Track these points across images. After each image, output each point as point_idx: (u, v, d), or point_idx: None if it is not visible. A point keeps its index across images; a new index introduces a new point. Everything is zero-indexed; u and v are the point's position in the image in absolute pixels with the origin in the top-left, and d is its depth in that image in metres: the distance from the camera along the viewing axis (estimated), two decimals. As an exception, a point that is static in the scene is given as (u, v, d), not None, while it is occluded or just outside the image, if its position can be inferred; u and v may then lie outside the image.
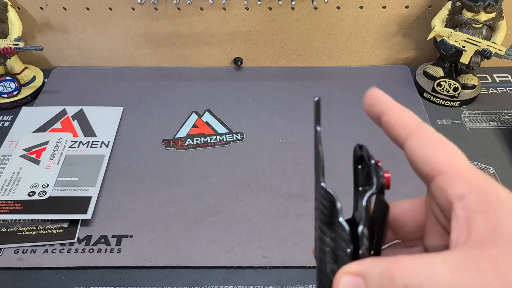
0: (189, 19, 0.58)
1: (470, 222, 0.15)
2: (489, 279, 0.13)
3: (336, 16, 0.57)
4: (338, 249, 0.17)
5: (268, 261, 0.40)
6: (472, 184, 0.15)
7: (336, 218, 0.17)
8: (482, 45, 0.51)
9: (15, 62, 0.57)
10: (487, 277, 0.13)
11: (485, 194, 0.15)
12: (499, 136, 0.52)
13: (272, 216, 0.43)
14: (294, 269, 0.39)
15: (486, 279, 0.13)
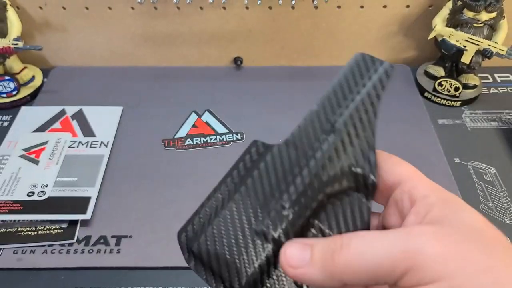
0: (189, 19, 0.57)
1: (428, 211, 0.16)
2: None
3: (337, 15, 0.57)
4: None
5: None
6: (433, 187, 0.17)
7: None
8: (483, 45, 0.51)
9: (14, 61, 0.56)
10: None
11: (444, 194, 0.17)
12: (500, 136, 0.51)
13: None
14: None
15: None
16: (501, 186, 0.46)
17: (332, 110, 0.20)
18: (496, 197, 0.45)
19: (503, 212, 0.44)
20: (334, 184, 0.18)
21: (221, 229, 0.18)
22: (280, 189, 0.18)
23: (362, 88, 0.20)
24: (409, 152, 0.48)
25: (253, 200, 0.19)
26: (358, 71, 0.20)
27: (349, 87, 0.20)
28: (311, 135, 0.19)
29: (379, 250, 0.15)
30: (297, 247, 0.17)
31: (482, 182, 0.46)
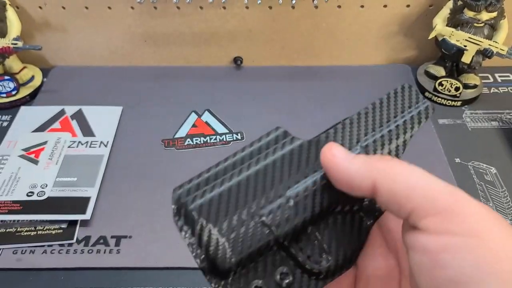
0: (188, 18, 0.57)
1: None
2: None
3: (337, 15, 0.57)
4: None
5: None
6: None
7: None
8: (484, 45, 0.51)
9: (14, 61, 0.56)
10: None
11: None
12: (501, 136, 0.51)
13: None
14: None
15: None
16: (501, 186, 0.46)
17: (366, 127, 0.20)
18: (496, 197, 0.45)
19: (503, 212, 0.43)
20: (344, 197, 0.18)
21: (222, 199, 0.18)
22: (292, 183, 0.19)
23: (400, 119, 0.20)
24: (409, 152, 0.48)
25: (263, 183, 0.19)
26: (401, 101, 0.21)
27: (388, 113, 0.21)
28: (340, 142, 0.20)
29: (431, 179, 0.15)
30: (342, 148, 0.18)
31: (483, 182, 0.46)
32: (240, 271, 0.18)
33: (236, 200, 0.18)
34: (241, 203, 0.18)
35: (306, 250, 0.18)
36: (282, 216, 0.18)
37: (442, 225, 0.14)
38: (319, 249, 0.18)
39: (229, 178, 0.19)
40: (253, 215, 0.18)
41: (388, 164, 0.16)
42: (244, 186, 0.19)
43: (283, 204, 0.18)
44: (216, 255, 0.17)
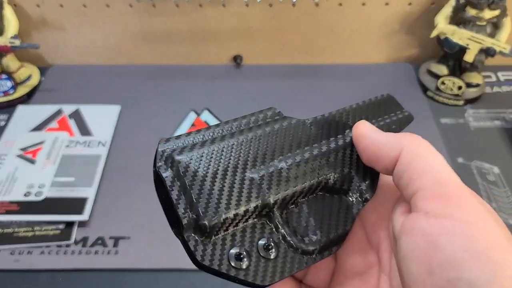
0: (187, 16, 0.57)
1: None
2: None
3: (338, 13, 0.56)
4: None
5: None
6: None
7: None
8: (486, 43, 0.50)
9: (11, 60, 0.56)
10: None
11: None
12: (503, 135, 0.51)
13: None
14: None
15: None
16: (504, 186, 0.45)
17: (344, 125, 0.21)
18: (499, 197, 0.44)
19: (506, 212, 0.43)
20: (334, 174, 0.19)
21: (213, 156, 0.18)
22: (286, 153, 0.19)
23: (382, 121, 0.22)
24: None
25: (256, 148, 0.19)
26: (384, 108, 0.22)
27: (373, 114, 0.22)
28: (333, 127, 0.21)
29: (447, 166, 0.16)
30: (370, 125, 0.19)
31: (485, 182, 0.46)
32: (223, 234, 0.17)
33: (228, 159, 0.18)
34: (232, 163, 0.18)
35: (293, 223, 0.18)
36: (274, 181, 0.18)
37: (444, 209, 0.15)
38: (306, 224, 0.18)
39: (220, 138, 0.19)
40: (244, 176, 0.18)
41: (416, 139, 0.17)
42: (237, 148, 0.18)
43: (276, 170, 0.18)
44: (204, 210, 0.16)
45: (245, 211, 0.17)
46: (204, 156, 0.18)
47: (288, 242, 0.17)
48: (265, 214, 0.18)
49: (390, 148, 0.17)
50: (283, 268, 0.17)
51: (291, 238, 0.17)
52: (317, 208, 0.18)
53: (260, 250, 0.17)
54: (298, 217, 0.18)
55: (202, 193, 0.17)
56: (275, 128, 0.20)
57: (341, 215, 0.19)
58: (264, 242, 0.17)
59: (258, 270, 0.17)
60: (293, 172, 0.18)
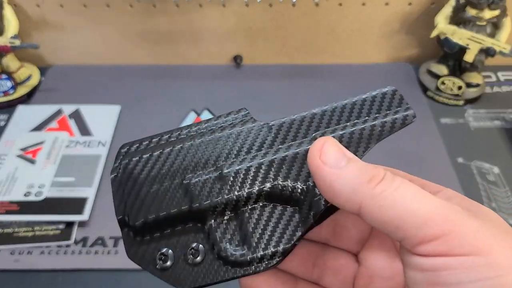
0: (187, 16, 0.57)
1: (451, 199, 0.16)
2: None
3: (338, 13, 0.56)
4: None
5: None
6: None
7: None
8: (486, 43, 0.50)
9: (11, 60, 0.56)
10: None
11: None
12: (503, 135, 0.51)
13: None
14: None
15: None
16: (504, 186, 0.45)
17: (329, 121, 0.19)
18: (499, 197, 0.44)
19: (506, 212, 0.43)
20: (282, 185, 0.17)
21: (158, 160, 0.18)
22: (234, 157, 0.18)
23: (371, 120, 0.18)
24: (411, 152, 0.48)
25: (204, 153, 0.18)
26: (379, 102, 0.19)
27: (359, 112, 0.19)
28: (300, 130, 0.19)
29: (421, 202, 0.14)
30: (335, 148, 0.16)
31: (485, 182, 0.46)
32: (158, 234, 0.17)
33: (171, 163, 0.18)
34: (175, 167, 0.18)
35: (228, 231, 0.17)
36: (208, 186, 0.17)
37: (439, 248, 0.14)
38: (241, 234, 0.17)
39: (174, 142, 0.19)
40: (182, 180, 0.18)
41: (376, 189, 0.15)
42: (185, 151, 0.18)
43: (214, 176, 0.18)
44: (130, 210, 0.17)
45: (175, 214, 0.17)
46: (151, 159, 0.18)
47: (217, 250, 0.17)
48: (201, 220, 0.17)
49: (347, 200, 0.15)
50: (205, 275, 0.17)
51: (220, 247, 0.17)
52: (258, 218, 0.17)
53: (187, 254, 0.17)
54: (235, 226, 0.17)
55: (137, 195, 0.18)
56: (231, 132, 0.19)
57: (285, 229, 0.17)
58: (193, 246, 0.17)
59: (180, 273, 0.17)
60: (233, 178, 0.17)
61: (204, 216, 0.17)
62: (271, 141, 0.19)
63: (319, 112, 0.19)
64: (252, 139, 0.19)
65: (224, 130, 0.19)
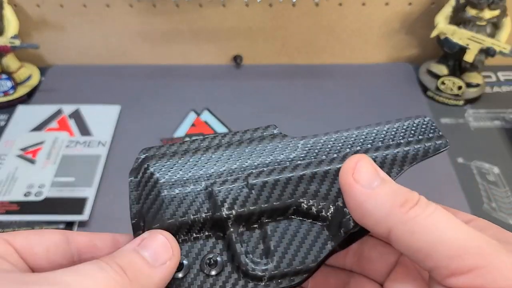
0: (187, 16, 0.57)
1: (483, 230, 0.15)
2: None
3: (338, 13, 0.56)
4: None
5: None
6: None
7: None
8: (486, 43, 0.50)
9: (11, 60, 0.56)
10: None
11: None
12: (503, 135, 0.51)
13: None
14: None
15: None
16: (504, 186, 0.45)
17: (363, 142, 0.18)
18: (499, 197, 0.44)
19: (506, 212, 0.43)
20: (311, 200, 0.17)
21: (182, 168, 0.18)
22: (261, 168, 0.17)
23: (404, 145, 0.18)
24: (411, 152, 0.48)
25: (231, 164, 0.18)
26: (413, 128, 0.19)
27: (393, 137, 0.18)
28: (332, 149, 0.18)
29: (455, 231, 0.14)
30: (369, 167, 0.15)
31: (485, 182, 0.46)
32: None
33: (196, 172, 0.18)
34: (199, 175, 0.17)
35: (250, 243, 0.17)
36: (233, 196, 0.17)
37: (472, 282, 0.13)
38: (264, 247, 0.17)
39: (202, 151, 0.18)
40: (204, 188, 0.17)
41: (408, 215, 0.14)
42: (212, 162, 0.18)
43: (239, 187, 0.17)
44: (146, 214, 0.17)
45: (195, 220, 0.16)
46: (175, 167, 0.18)
47: (237, 262, 0.16)
48: (221, 229, 0.17)
49: (376, 223, 0.15)
50: (222, 287, 0.16)
51: (240, 259, 0.16)
52: (283, 232, 0.17)
53: (204, 264, 0.16)
54: (257, 239, 0.17)
55: (155, 199, 0.17)
56: (259, 144, 0.19)
57: (311, 246, 0.16)
58: (211, 256, 0.16)
59: (194, 284, 0.16)
60: (259, 189, 0.17)
61: (225, 225, 0.17)
62: (302, 157, 0.18)
63: (355, 132, 0.19)
64: (281, 153, 0.18)
65: (253, 143, 0.19)
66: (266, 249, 0.16)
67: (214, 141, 0.19)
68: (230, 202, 0.17)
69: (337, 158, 0.18)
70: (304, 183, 0.17)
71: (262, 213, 0.17)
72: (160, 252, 0.15)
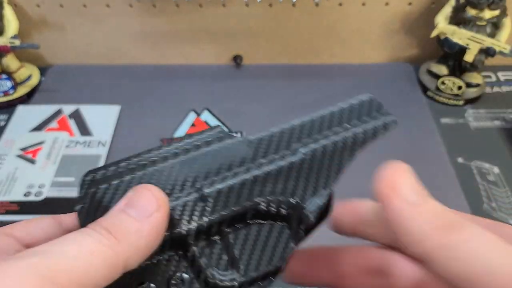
0: (187, 16, 0.57)
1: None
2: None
3: (338, 13, 0.56)
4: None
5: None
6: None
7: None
8: (486, 43, 0.50)
9: (11, 60, 0.56)
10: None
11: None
12: (503, 135, 0.51)
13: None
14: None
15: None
16: (504, 186, 0.45)
17: (310, 131, 0.18)
18: (499, 197, 0.44)
19: (506, 212, 0.43)
20: (268, 202, 0.16)
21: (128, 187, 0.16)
22: (212, 177, 0.17)
23: (351, 127, 0.18)
24: (411, 152, 0.48)
25: (177, 175, 0.17)
26: (358, 110, 0.18)
27: (339, 121, 0.18)
28: (281, 143, 0.18)
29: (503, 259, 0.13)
30: (412, 182, 0.14)
31: (485, 182, 0.46)
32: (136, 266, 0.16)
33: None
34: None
35: (214, 256, 0.16)
36: (189, 209, 0.16)
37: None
38: (228, 257, 0.16)
39: (144, 166, 0.17)
40: None
41: (450, 238, 0.13)
42: (157, 175, 0.17)
43: (193, 199, 0.16)
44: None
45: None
46: (122, 185, 0.17)
47: (203, 277, 0.16)
48: (182, 247, 0.16)
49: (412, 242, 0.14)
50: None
51: (206, 273, 0.16)
52: (245, 239, 0.16)
53: (171, 284, 0.16)
54: (221, 250, 0.16)
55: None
56: (208, 149, 0.18)
57: (275, 247, 0.16)
58: (177, 276, 0.16)
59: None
60: (215, 199, 0.16)
61: (186, 243, 0.16)
62: (252, 157, 0.17)
63: (299, 123, 0.18)
64: (232, 155, 0.17)
65: (200, 149, 0.18)
66: (231, 259, 0.16)
67: (160, 152, 0.18)
68: (187, 217, 0.16)
69: (287, 154, 0.17)
70: (259, 184, 0.17)
71: (222, 222, 0.16)
72: (145, 205, 0.15)
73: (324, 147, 0.17)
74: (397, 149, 0.48)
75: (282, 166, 0.17)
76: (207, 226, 0.16)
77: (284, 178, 0.17)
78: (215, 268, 0.16)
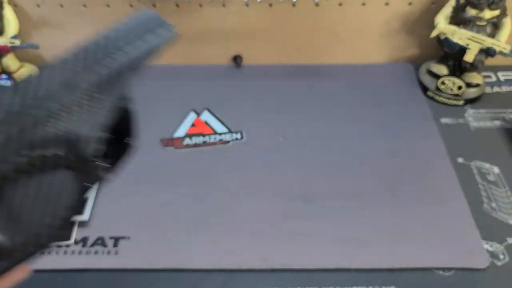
0: (188, 16, 0.57)
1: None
2: None
3: (338, 13, 0.56)
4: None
5: (268, 264, 0.39)
6: None
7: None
8: (486, 43, 0.50)
9: (11, 60, 0.56)
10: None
11: None
12: (503, 135, 0.51)
13: (272, 217, 0.42)
14: (295, 272, 0.39)
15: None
16: (504, 186, 0.45)
17: (85, 65, 0.16)
18: (499, 197, 0.44)
19: (506, 212, 0.43)
20: (45, 144, 0.14)
21: None
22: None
23: (130, 48, 0.16)
24: (411, 152, 0.48)
25: None
26: (136, 29, 0.17)
27: (126, 41, 0.17)
28: (54, 83, 0.16)
29: None
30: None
31: (485, 182, 0.46)
32: None
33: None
34: None
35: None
36: None
37: None
38: (7, 216, 0.14)
39: None
40: None
41: None
42: None
43: None
44: None
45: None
46: None
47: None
48: None
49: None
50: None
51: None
52: (26, 196, 0.14)
53: None
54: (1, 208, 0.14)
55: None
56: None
57: (61, 190, 0.14)
58: None
59: None
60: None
61: None
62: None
63: (75, 53, 0.16)
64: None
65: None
66: (11, 217, 0.14)
67: None
68: None
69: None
70: (29, 130, 0.15)
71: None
72: None
73: (100, 76, 0.16)
74: (397, 149, 0.48)
75: (54, 106, 0.15)
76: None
77: (57, 117, 0.15)
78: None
